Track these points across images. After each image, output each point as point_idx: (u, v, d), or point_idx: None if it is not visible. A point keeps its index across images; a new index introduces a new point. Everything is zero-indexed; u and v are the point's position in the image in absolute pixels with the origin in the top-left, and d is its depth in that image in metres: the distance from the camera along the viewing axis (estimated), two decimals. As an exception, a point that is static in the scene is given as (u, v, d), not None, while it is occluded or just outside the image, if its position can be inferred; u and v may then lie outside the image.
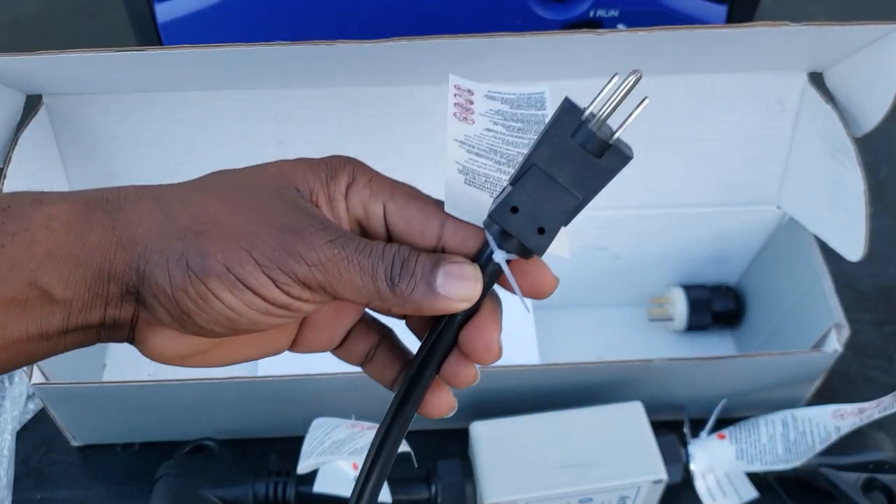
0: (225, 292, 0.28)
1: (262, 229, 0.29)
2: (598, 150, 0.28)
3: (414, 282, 0.29)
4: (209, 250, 0.28)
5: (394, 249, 0.29)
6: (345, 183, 0.31)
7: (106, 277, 0.29)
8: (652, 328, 0.70)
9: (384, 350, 0.35)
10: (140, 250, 0.28)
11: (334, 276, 0.29)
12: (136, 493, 0.60)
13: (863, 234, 0.54)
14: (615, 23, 0.68)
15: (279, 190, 0.30)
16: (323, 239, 0.29)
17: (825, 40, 0.54)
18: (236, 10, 0.67)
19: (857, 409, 0.54)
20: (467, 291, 0.29)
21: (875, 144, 0.58)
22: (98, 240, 0.28)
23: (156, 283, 0.28)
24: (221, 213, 0.29)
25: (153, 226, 0.29)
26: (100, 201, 0.29)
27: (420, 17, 0.67)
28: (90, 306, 0.29)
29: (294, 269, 0.28)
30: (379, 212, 0.31)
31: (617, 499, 0.53)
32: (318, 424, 0.54)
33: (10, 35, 0.94)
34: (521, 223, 0.29)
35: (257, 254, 0.28)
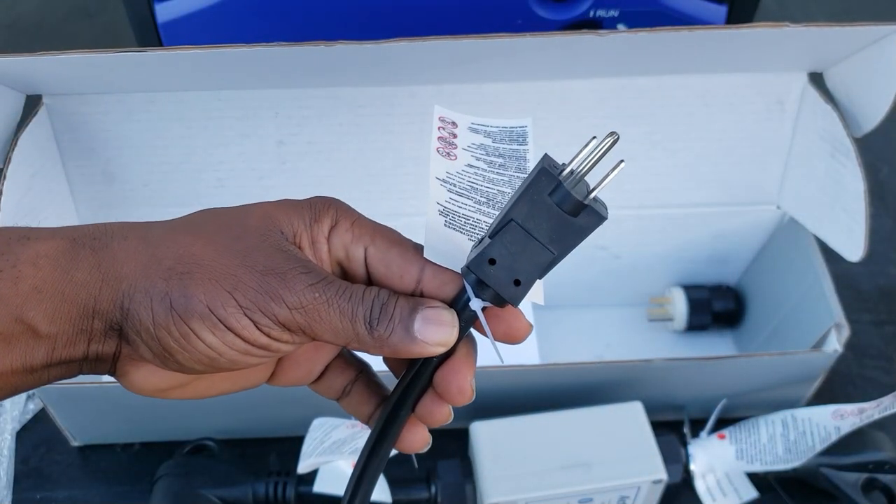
0: (206, 332, 0.29)
1: (245, 272, 0.29)
2: (573, 209, 0.30)
3: (392, 326, 0.30)
4: (192, 291, 0.29)
5: (373, 293, 0.30)
6: (328, 226, 0.32)
7: (90, 313, 0.29)
8: (652, 328, 0.70)
9: (360, 386, 0.35)
10: (125, 288, 0.29)
11: (314, 320, 0.30)
12: (136, 493, 0.60)
13: (863, 234, 0.54)
14: (615, 23, 0.68)
15: (264, 233, 0.31)
16: (304, 282, 0.29)
17: (825, 41, 0.54)
18: (236, 10, 0.67)
19: (857, 410, 0.54)
20: (443, 336, 0.30)
21: (875, 144, 0.58)
22: (84, 276, 0.29)
23: (139, 321, 0.29)
24: (206, 254, 0.30)
25: (138, 265, 0.29)
26: (87, 238, 0.30)
27: (420, 18, 0.67)
28: (74, 341, 0.30)
29: (275, 312, 0.29)
30: (360, 255, 0.32)
31: (617, 499, 0.53)
32: (318, 424, 0.54)
33: (9, 35, 0.94)
34: (498, 274, 0.30)
35: (239, 296, 0.29)
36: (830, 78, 0.58)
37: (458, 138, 0.36)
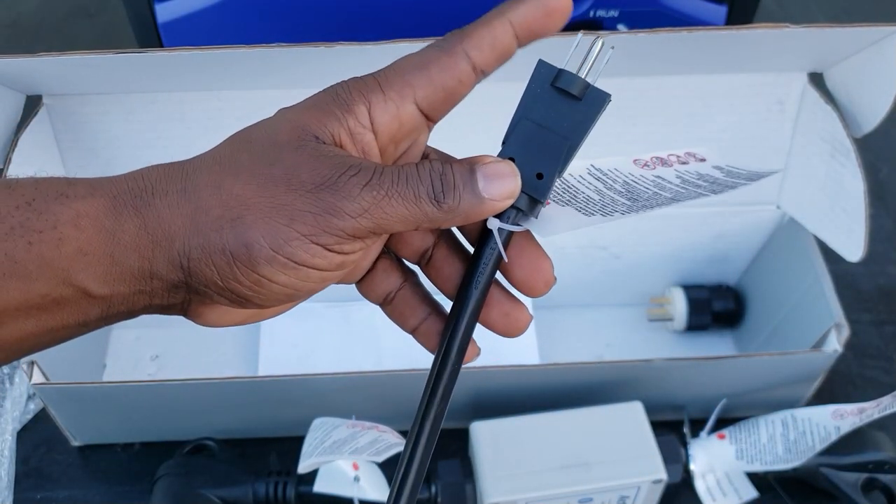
0: (278, 274, 0.28)
1: (295, 198, 0.28)
2: (579, 91, 0.30)
3: (458, 194, 0.29)
4: (250, 237, 0.27)
5: (427, 168, 0.29)
6: (365, 113, 0.30)
7: (147, 276, 0.28)
8: (652, 328, 0.70)
9: (405, 293, 0.34)
10: (179, 248, 0.28)
11: (381, 217, 0.28)
12: (136, 493, 0.60)
13: (862, 234, 0.54)
14: (615, 23, 0.68)
15: (298, 145, 0.29)
16: (359, 184, 0.28)
17: (825, 41, 0.54)
18: (236, 10, 0.67)
19: (856, 409, 0.54)
20: (509, 188, 0.29)
21: (875, 144, 0.58)
22: (131, 239, 0.28)
23: (205, 278, 0.28)
24: (250, 192, 0.28)
25: (186, 220, 0.28)
26: (128, 196, 0.29)
27: (420, 18, 0.67)
28: (132, 300, 0.29)
29: (341, 227, 0.28)
30: (413, 110, 0.30)
31: (617, 499, 0.53)
32: (319, 424, 0.54)
33: (9, 35, 0.94)
34: (520, 171, 0.30)
35: (299, 225, 0.27)
36: (830, 78, 0.58)
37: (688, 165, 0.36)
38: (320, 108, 0.30)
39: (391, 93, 0.30)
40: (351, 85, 0.30)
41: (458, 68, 0.30)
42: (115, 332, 0.69)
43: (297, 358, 0.67)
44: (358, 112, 0.29)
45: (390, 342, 0.67)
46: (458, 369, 0.32)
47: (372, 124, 0.30)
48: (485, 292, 0.31)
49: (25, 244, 0.27)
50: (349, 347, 0.67)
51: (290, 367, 0.66)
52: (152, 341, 0.69)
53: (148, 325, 0.69)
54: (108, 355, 0.68)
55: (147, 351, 0.69)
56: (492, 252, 0.31)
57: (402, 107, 0.30)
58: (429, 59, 0.30)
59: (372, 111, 0.30)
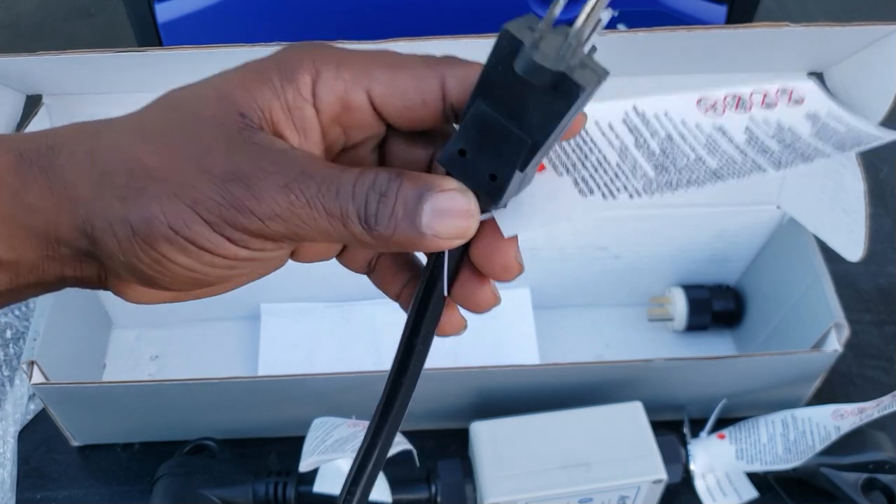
0: (178, 255, 0.25)
1: (203, 181, 0.25)
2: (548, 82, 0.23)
3: (395, 222, 0.25)
4: (151, 212, 0.25)
5: (367, 183, 0.25)
6: (307, 84, 0.26)
7: (54, 241, 0.26)
8: (652, 328, 0.70)
9: (386, 259, 0.31)
10: (83, 213, 0.26)
11: (297, 225, 0.25)
12: (136, 493, 0.60)
13: (863, 234, 0.54)
14: (615, 23, 0.68)
15: (221, 122, 0.25)
16: (275, 184, 0.25)
17: (825, 41, 0.54)
18: (236, 10, 0.67)
19: (856, 409, 0.54)
20: (459, 228, 0.25)
21: (875, 144, 0.58)
22: (37, 201, 0.26)
23: (108, 250, 0.26)
24: (160, 163, 0.25)
25: (91, 184, 0.26)
26: (34, 154, 0.26)
27: (420, 17, 0.67)
28: (42, 267, 0.27)
29: (245, 225, 0.25)
30: (363, 100, 0.26)
31: (617, 499, 0.53)
32: (319, 424, 0.54)
33: (9, 35, 0.94)
34: (471, 168, 0.25)
35: (202, 210, 0.25)
36: (830, 78, 0.58)
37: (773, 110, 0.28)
38: (258, 75, 0.26)
39: (345, 72, 0.26)
40: (304, 50, 0.27)
41: (426, 86, 0.26)
42: (115, 332, 0.69)
43: (297, 358, 0.67)
44: (301, 82, 0.26)
45: (390, 342, 0.67)
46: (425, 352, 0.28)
47: (314, 98, 0.26)
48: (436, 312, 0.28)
49: None
50: (349, 347, 0.67)
51: (290, 367, 0.66)
52: (152, 341, 0.69)
53: (148, 325, 0.69)
54: (108, 355, 0.68)
55: (147, 351, 0.69)
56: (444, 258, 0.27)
57: (351, 91, 0.26)
58: (403, 63, 0.26)
59: (317, 83, 0.26)
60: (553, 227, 0.66)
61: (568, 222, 0.65)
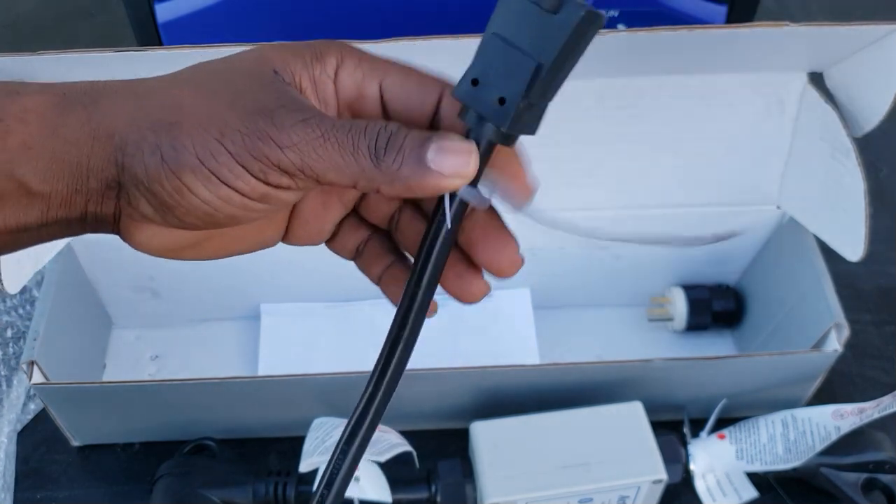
0: (200, 187, 0.27)
1: (232, 115, 0.27)
2: (553, 4, 0.26)
3: (402, 157, 0.27)
4: (182, 142, 0.27)
5: (378, 125, 0.28)
6: (332, 66, 0.29)
7: (84, 173, 0.28)
8: (652, 328, 0.70)
9: (373, 244, 0.33)
10: (117, 142, 0.28)
11: (311, 157, 0.27)
12: (136, 493, 0.60)
13: (863, 234, 0.54)
14: (615, 23, 0.68)
15: (255, 74, 0.29)
16: (294, 118, 0.27)
17: (825, 40, 0.54)
18: (236, 10, 0.67)
19: (856, 409, 0.54)
20: (460, 166, 0.27)
21: (875, 144, 0.58)
22: (74, 134, 0.28)
23: (134, 175, 0.28)
24: (195, 102, 0.28)
25: (128, 118, 0.28)
26: (77, 94, 0.28)
27: (420, 17, 0.67)
28: (69, 202, 0.28)
29: (266, 154, 0.27)
30: (375, 91, 0.30)
31: (617, 499, 0.53)
32: (319, 424, 0.54)
33: (9, 35, 0.94)
34: (481, 96, 0.27)
35: (228, 142, 0.27)
36: (830, 78, 0.58)
37: None
38: (292, 49, 0.29)
39: (365, 63, 0.30)
40: (333, 42, 0.30)
41: (428, 93, 0.29)
42: (115, 332, 0.69)
43: (297, 358, 0.67)
44: (327, 63, 0.29)
45: (390, 342, 0.67)
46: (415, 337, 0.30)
47: (335, 81, 0.29)
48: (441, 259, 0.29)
49: None
50: (349, 347, 0.67)
51: (290, 367, 0.66)
52: (152, 341, 0.69)
53: (148, 325, 0.69)
54: (108, 355, 0.68)
55: (147, 351, 0.69)
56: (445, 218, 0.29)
57: (367, 80, 0.30)
58: (414, 71, 0.30)
59: (340, 68, 0.29)
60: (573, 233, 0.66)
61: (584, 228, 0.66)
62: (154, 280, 0.66)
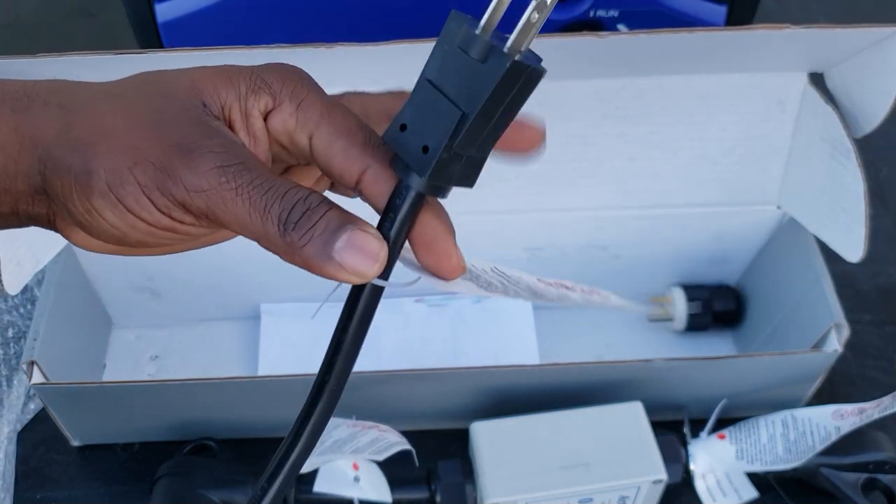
0: (107, 212, 0.27)
1: (150, 146, 0.27)
2: (478, 54, 0.25)
3: (311, 236, 0.26)
4: (94, 166, 0.27)
5: (300, 195, 0.27)
6: (265, 103, 0.29)
7: (12, 175, 0.28)
8: (652, 328, 0.70)
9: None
10: (41, 154, 0.28)
11: (219, 207, 0.27)
12: (136, 493, 0.60)
13: (863, 234, 0.54)
14: (615, 23, 0.68)
15: (185, 104, 0.28)
16: (212, 163, 0.26)
17: (826, 42, 0.54)
18: (236, 10, 0.67)
19: (857, 410, 0.54)
20: (363, 267, 0.27)
21: (875, 145, 0.58)
22: (2, 138, 0.28)
23: (53, 191, 0.28)
24: (118, 125, 0.28)
25: (52, 132, 0.28)
26: (9, 97, 0.29)
27: (420, 19, 0.67)
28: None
29: (173, 193, 0.27)
30: (304, 143, 0.29)
31: (617, 499, 0.53)
32: (319, 424, 0.54)
33: (9, 35, 0.94)
34: (408, 142, 0.27)
35: (139, 172, 0.27)
36: (831, 79, 0.58)
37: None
38: (228, 77, 0.29)
39: (301, 115, 0.29)
40: (280, 73, 0.29)
41: (348, 167, 0.28)
42: (115, 332, 0.69)
43: (297, 358, 0.67)
44: (260, 99, 0.29)
45: (390, 342, 0.67)
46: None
47: (266, 122, 0.29)
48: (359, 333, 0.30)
49: None
50: (349, 347, 0.67)
51: (290, 367, 0.66)
52: (152, 341, 0.69)
53: (148, 325, 0.69)
54: (108, 355, 0.68)
55: (147, 351, 0.69)
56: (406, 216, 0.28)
57: (297, 133, 0.29)
58: (347, 133, 0.28)
59: (273, 112, 0.29)
60: (573, 233, 0.66)
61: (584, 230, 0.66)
62: (154, 280, 0.66)
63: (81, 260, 0.63)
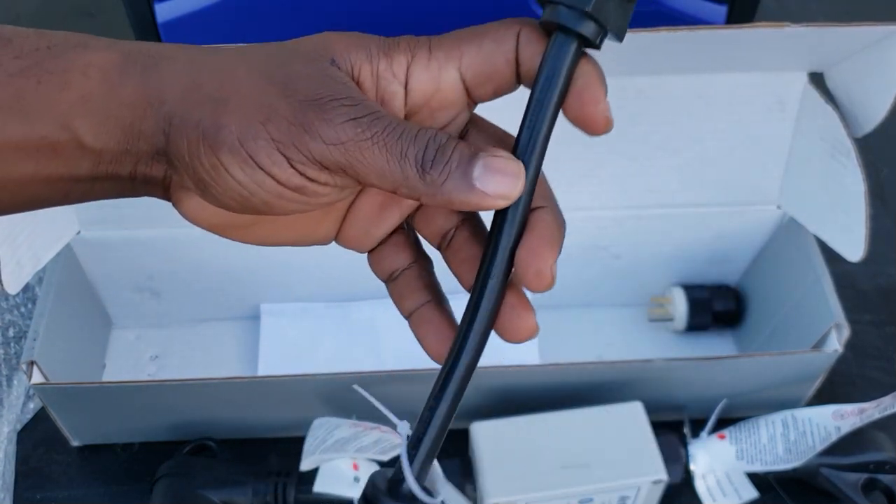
0: (236, 167, 0.27)
1: (282, 101, 0.27)
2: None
3: (448, 170, 0.27)
4: (225, 121, 0.27)
5: (429, 133, 0.27)
6: (403, 64, 0.29)
7: (136, 134, 0.28)
8: (652, 328, 0.70)
9: (411, 273, 0.32)
10: (167, 110, 0.28)
11: (356, 158, 0.26)
12: (136, 493, 0.60)
13: (863, 234, 0.54)
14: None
15: (313, 59, 0.28)
16: (346, 115, 0.26)
17: (826, 41, 0.54)
18: (236, 10, 0.67)
19: (857, 410, 0.54)
20: (506, 188, 0.27)
21: (875, 144, 0.58)
22: (130, 96, 0.28)
23: (178, 149, 0.27)
24: (247, 82, 0.27)
25: (180, 88, 0.28)
26: (139, 55, 0.28)
27: (420, 18, 0.67)
28: (120, 159, 0.28)
29: (309, 147, 0.26)
30: (454, 78, 0.29)
31: (617, 499, 0.53)
32: (320, 424, 0.54)
33: (9, 35, 0.94)
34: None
35: (272, 127, 0.26)
36: (831, 78, 0.58)
37: None
38: (359, 39, 0.29)
39: (438, 53, 0.29)
40: (402, 37, 0.29)
41: (507, 45, 0.29)
42: (115, 332, 0.69)
43: (297, 358, 0.67)
44: (395, 59, 0.28)
45: (390, 342, 0.67)
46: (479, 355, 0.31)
47: (407, 80, 0.29)
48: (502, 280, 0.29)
49: (35, 83, 0.27)
50: (349, 347, 0.67)
51: (290, 368, 0.66)
52: (152, 341, 0.69)
53: (148, 325, 0.69)
54: (108, 355, 0.68)
55: (147, 351, 0.69)
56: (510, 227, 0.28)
57: (444, 70, 0.29)
58: (486, 29, 0.29)
59: (412, 66, 0.29)
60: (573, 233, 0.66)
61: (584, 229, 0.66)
62: (154, 280, 0.66)
63: (81, 260, 0.63)
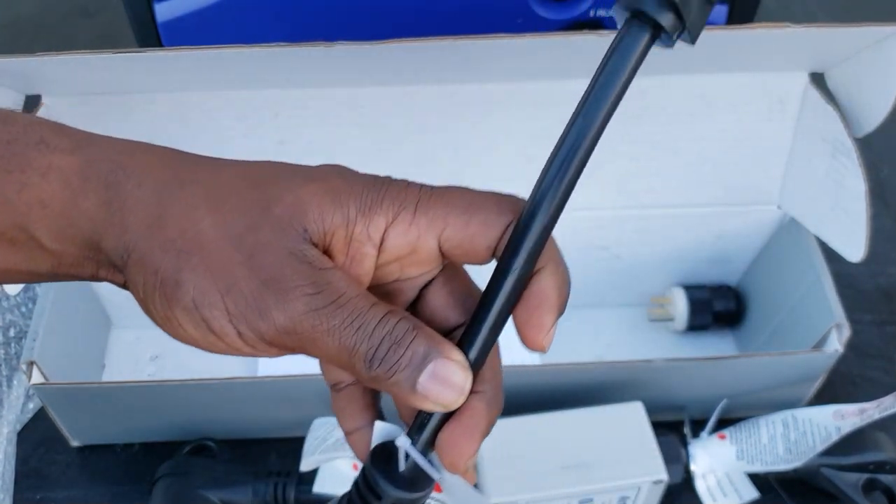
0: (188, 324, 0.27)
1: (245, 274, 0.26)
2: None
3: (396, 370, 0.27)
4: (184, 277, 0.27)
5: (387, 328, 0.27)
6: (381, 225, 0.28)
7: (96, 246, 0.28)
8: (652, 328, 0.70)
9: (355, 390, 0.32)
10: (127, 240, 0.27)
11: (307, 344, 0.27)
12: (136, 494, 0.60)
13: (863, 234, 0.54)
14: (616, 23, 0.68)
15: (284, 228, 0.27)
16: (305, 307, 0.26)
17: (827, 41, 0.54)
18: (236, 10, 0.67)
19: (857, 410, 0.54)
20: (447, 399, 0.27)
21: (875, 144, 0.58)
22: (91, 208, 0.27)
23: (133, 283, 0.28)
24: (213, 238, 0.27)
25: (145, 220, 0.27)
26: (102, 164, 0.28)
27: (420, 18, 0.67)
28: (80, 263, 0.29)
29: (262, 329, 0.27)
30: (431, 245, 0.28)
31: (617, 499, 0.53)
32: (320, 424, 0.54)
33: (9, 35, 0.94)
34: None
35: (230, 301, 0.26)
36: (832, 78, 0.57)
37: None
38: (337, 198, 0.28)
39: (422, 219, 0.28)
40: (389, 188, 0.28)
41: (493, 233, 0.28)
42: (114, 332, 0.69)
43: (298, 358, 0.67)
44: (373, 222, 0.28)
45: (390, 342, 0.67)
46: None
47: (382, 241, 0.28)
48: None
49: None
50: (349, 347, 0.67)
51: (290, 367, 0.65)
52: (152, 341, 0.69)
53: (148, 325, 0.69)
54: (108, 355, 0.68)
55: (147, 351, 0.68)
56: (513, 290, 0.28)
57: (423, 238, 0.28)
58: (479, 205, 0.28)
59: (390, 229, 0.28)
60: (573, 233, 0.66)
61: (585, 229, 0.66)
62: (154, 280, 0.66)
63: (81, 260, 0.63)
